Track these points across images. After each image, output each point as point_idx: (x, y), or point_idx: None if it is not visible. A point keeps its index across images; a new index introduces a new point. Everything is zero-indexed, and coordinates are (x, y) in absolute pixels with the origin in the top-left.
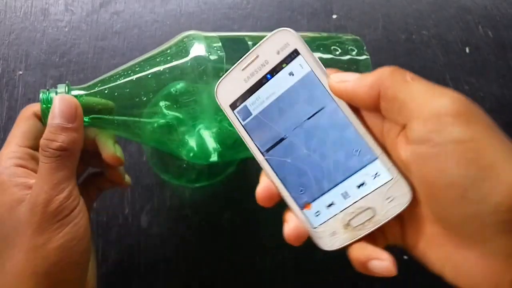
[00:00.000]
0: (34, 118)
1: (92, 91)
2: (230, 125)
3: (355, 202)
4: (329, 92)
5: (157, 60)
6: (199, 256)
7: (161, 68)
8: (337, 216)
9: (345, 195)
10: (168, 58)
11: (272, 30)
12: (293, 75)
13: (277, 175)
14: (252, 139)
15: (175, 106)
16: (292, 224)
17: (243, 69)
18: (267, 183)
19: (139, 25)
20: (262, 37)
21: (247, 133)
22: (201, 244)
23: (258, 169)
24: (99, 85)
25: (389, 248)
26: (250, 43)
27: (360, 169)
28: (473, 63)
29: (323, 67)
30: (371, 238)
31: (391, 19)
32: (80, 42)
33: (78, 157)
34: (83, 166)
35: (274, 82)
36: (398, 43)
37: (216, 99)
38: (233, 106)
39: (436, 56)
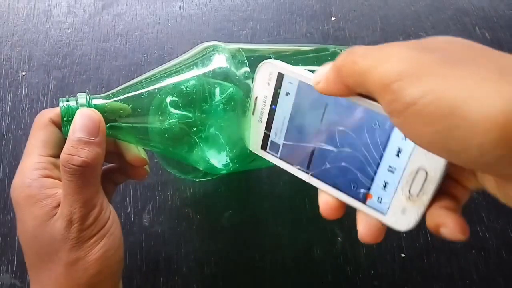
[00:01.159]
0: (51, 125)
1: (113, 99)
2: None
3: (403, 171)
4: None
5: (181, 67)
6: (200, 255)
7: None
8: (397, 192)
9: (391, 169)
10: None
11: (272, 32)
12: (289, 93)
13: (327, 184)
14: (291, 165)
15: (185, 103)
16: (363, 224)
17: (253, 114)
18: (324, 198)
19: (141, 27)
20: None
21: (285, 162)
22: (202, 243)
23: (258, 170)
24: (119, 94)
25: (388, 248)
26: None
27: (388, 138)
28: None
29: (308, 71)
30: (451, 197)
31: (389, 21)
32: (82, 44)
33: (100, 171)
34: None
35: (280, 109)
36: None
37: (252, 150)
38: (264, 147)
39: None
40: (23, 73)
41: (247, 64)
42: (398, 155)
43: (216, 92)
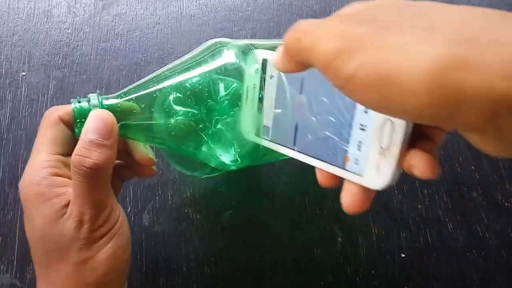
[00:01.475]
0: (60, 123)
1: (124, 99)
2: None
3: (372, 125)
4: None
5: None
6: (200, 255)
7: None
8: (370, 149)
9: (363, 127)
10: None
11: (272, 32)
12: (273, 76)
13: (312, 156)
14: (281, 145)
15: (189, 100)
16: (345, 193)
17: (246, 103)
18: (319, 173)
19: (141, 27)
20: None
21: (276, 143)
22: (202, 243)
23: (258, 170)
24: (130, 93)
25: (388, 248)
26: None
27: None
28: None
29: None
30: (428, 139)
31: None
32: (82, 44)
33: (111, 173)
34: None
35: (267, 93)
36: None
37: (249, 139)
38: (258, 133)
39: None
40: (23, 73)
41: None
42: (366, 112)
43: (221, 88)
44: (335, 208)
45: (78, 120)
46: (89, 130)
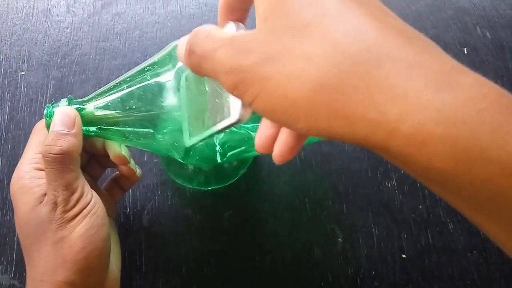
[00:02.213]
0: (45, 129)
1: (90, 103)
2: None
3: None
4: None
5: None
6: (199, 255)
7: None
8: (230, 97)
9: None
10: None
11: None
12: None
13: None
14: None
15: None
16: (276, 144)
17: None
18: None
19: (140, 27)
20: None
21: (200, 134)
22: (202, 243)
23: (258, 170)
24: (95, 98)
25: (389, 248)
26: None
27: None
28: (471, 64)
29: None
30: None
31: None
32: (81, 43)
33: (78, 159)
34: (102, 168)
35: (182, 94)
36: None
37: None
38: (190, 135)
39: None
40: (22, 73)
41: None
42: None
43: (163, 80)
44: (336, 208)
45: (47, 119)
46: (55, 123)
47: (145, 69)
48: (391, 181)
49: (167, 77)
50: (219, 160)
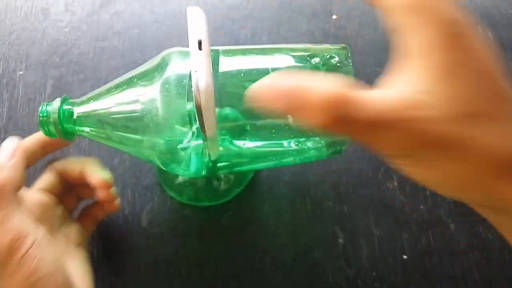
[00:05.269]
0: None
1: (84, 105)
2: None
3: None
4: None
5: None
6: (199, 256)
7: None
8: None
9: None
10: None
11: (272, 31)
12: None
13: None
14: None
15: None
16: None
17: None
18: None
19: (139, 26)
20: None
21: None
22: (201, 244)
23: (258, 170)
24: (90, 100)
25: (390, 249)
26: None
27: None
28: None
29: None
30: None
31: None
32: (80, 43)
33: (15, 191)
34: (77, 199)
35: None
36: None
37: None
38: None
39: None
40: (21, 72)
41: None
42: None
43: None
44: (336, 209)
45: (41, 118)
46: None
47: (136, 76)
48: (392, 181)
49: (154, 87)
50: (205, 172)
